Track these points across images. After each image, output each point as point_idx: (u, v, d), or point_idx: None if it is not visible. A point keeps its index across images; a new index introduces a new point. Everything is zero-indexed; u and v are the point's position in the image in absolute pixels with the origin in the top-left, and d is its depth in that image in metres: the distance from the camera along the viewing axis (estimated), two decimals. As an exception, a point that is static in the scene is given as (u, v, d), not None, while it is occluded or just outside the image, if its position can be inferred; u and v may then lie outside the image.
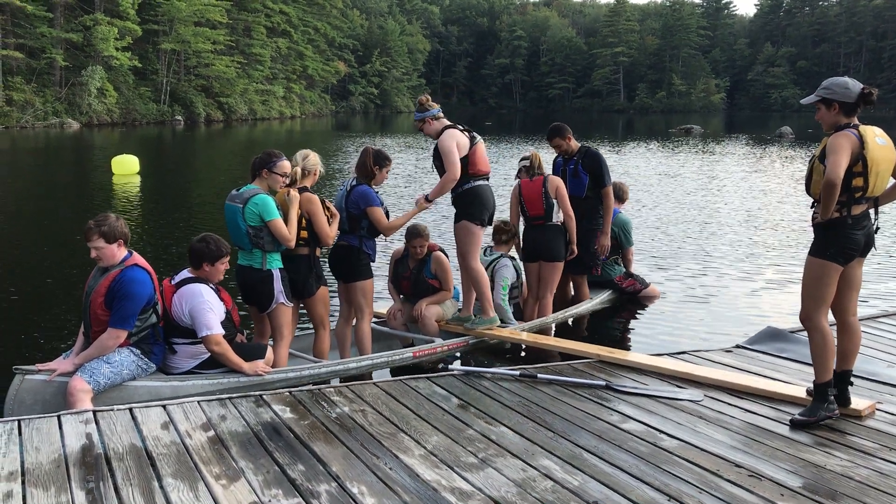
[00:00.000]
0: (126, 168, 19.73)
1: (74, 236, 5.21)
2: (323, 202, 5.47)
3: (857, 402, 4.42)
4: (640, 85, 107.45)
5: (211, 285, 4.93)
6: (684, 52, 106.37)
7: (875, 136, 4.12)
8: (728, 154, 30.09)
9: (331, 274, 5.93)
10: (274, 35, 68.83)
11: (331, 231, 5.46)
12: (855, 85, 4.17)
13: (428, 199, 5.95)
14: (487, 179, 6.09)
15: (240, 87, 61.20)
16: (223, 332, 4.81)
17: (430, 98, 6.13)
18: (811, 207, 4.34)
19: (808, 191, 4.32)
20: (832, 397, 4.26)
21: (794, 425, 4.21)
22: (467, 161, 5.90)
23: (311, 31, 76.54)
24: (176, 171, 23.75)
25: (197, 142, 38.59)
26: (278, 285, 5.25)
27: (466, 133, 5.98)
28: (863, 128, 4.12)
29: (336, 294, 6.14)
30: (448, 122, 6.05)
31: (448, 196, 6.13)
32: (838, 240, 4.16)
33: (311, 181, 5.57)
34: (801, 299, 4.32)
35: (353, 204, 5.65)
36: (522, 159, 6.97)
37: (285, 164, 5.28)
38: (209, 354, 4.86)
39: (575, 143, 7.17)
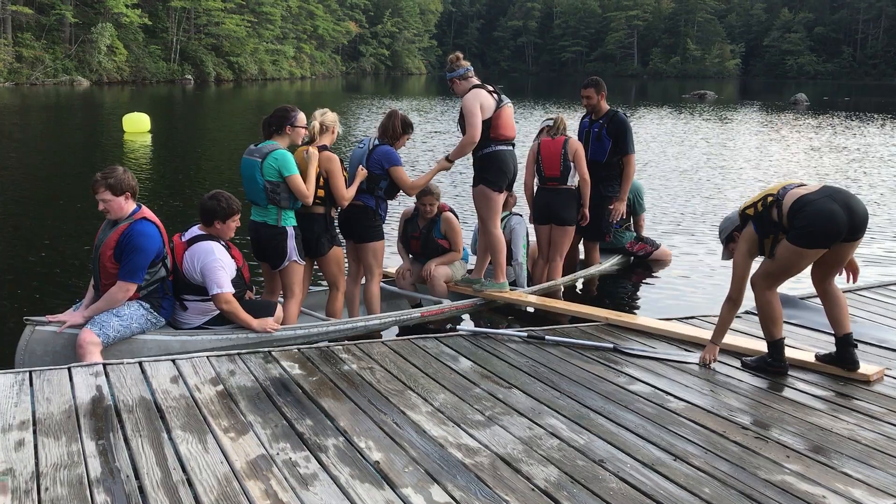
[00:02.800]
0: (137, 126, 19.72)
1: (85, 191, 5.24)
2: (341, 162, 5.44)
3: (866, 367, 4.42)
4: (654, 49, 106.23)
5: (222, 242, 4.92)
6: (700, 16, 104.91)
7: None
8: (741, 121, 29.79)
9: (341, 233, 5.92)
10: (285, -6, 68.19)
11: (348, 193, 5.43)
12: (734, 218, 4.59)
13: (448, 159, 5.93)
14: (512, 145, 6.00)
15: (250, 47, 60.85)
16: (233, 290, 4.82)
17: (460, 57, 6.03)
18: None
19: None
20: (778, 355, 4.48)
21: (742, 365, 4.61)
22: (490, 124, 5.81)
23: (323, -11, 75.80)
24: (187, 129, 23.70)
25: (207, 101, 38.45)
26: (291, 243, 5.23)
27: (494, 95, 5.89)
28: None
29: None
30: (477, 82, 5.96)
31: (469, 160, 6.09)
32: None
33: (329, 139, 5.53)
34: (762, 264, 4.45)
35: (376, 163, 5.61)
36: (547, 119, 6.91)
37: (303, 117, 5.33)
38: (219, 311, 4.88)
39: (605, 105, 7.04)
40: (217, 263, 4.76)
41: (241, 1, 59.36)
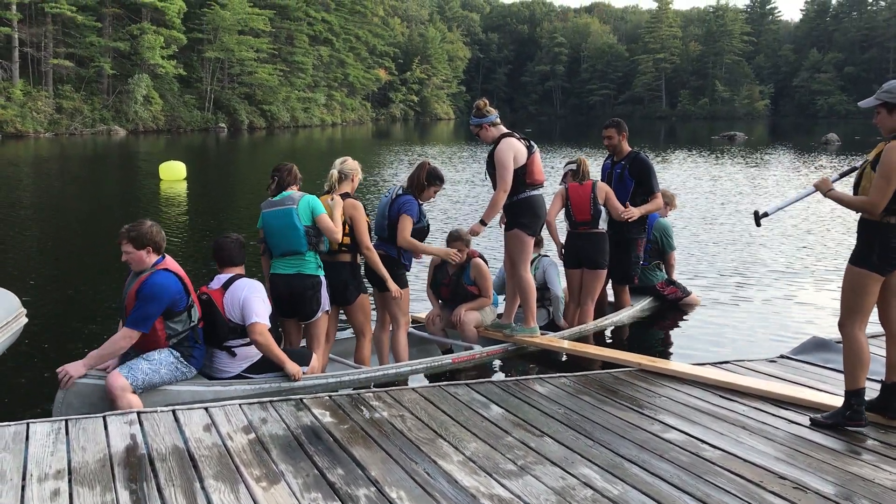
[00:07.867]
0: (174, 174, 20.12)
1: (121, 240, 5.38)
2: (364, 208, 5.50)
3: (907, 414, 4.31)
4: (682, 91, 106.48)
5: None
6: (728, 58, 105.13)
7: None
8: (772, 162, 29.62)
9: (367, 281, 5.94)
10: (316, 43, 69.59)
11: (369, 242, 5.48)
12: None
13: (483, 223, 5.98)
14: (541, 188, 6.07)
15: (282, 95, 62.02)
16: (269, 324, 4.84)
17: (487, 103, 6.10)
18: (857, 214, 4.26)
19: (855, 195, 4.23)
20: (860, 407, 4.19)
21: (813, 424, 4.27)
22: (525, 171, 5.89)
23: (353, 38, 77.18)
24: (222, 176, 24.12)
25: (241, 149, 39.13)
26: (325, 292, 5.28)
27: (524, 142, 5.96)
28: None
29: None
30: (505, 130, 6.02)
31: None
32: (882, 248, 4.05)
33: (350, 187, 5.59)
34: (840, 307, 4.26)
35: (396, 212, 5.66)
36: (569, 163, 6.94)
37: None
38: (260, 356, 4.90)
39: (626, 147, 7.03)
40: (259, 295, 4.82)
41: (274, 50, 60.68)
